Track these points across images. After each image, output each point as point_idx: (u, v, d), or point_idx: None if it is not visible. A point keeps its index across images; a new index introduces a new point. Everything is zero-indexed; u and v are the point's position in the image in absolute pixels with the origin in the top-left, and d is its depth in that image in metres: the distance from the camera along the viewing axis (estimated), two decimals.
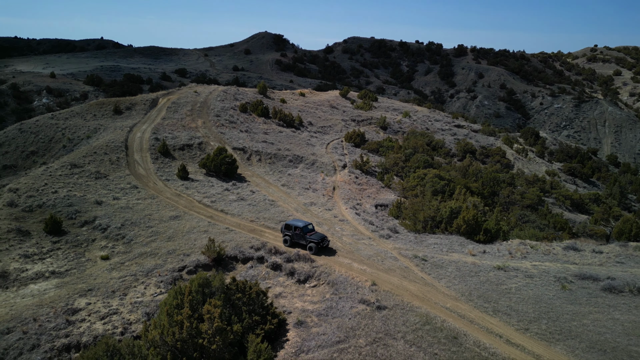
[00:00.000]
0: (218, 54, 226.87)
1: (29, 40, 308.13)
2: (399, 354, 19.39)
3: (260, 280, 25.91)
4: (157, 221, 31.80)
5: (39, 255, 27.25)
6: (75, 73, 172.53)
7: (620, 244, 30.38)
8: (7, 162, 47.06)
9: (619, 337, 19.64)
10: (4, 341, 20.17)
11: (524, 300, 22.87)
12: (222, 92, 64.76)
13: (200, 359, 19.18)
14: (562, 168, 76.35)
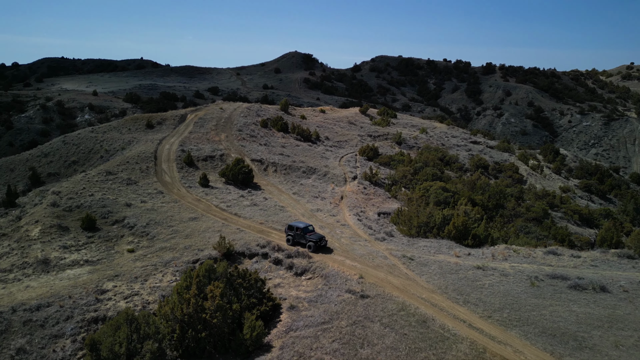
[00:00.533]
0: (249, 73, 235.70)
1: (74, 60, 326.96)
2: (374, 334, 22.34)
3: (263, 273, 29.34)
4: (178, 222, 35.90)
5: (75, 247, 31.67)
6: (115, 91, 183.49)
7: (601, 250, 32.31)
8: (51, 170, 52.84)
9: (570, 325, 22.00)
10: (44, 312, 24.32)
11: (493, 294, 25.41)
12: (245, 109, 69.67)
13: (204, 331, 22.68)
14: (579, 185, 76.93)
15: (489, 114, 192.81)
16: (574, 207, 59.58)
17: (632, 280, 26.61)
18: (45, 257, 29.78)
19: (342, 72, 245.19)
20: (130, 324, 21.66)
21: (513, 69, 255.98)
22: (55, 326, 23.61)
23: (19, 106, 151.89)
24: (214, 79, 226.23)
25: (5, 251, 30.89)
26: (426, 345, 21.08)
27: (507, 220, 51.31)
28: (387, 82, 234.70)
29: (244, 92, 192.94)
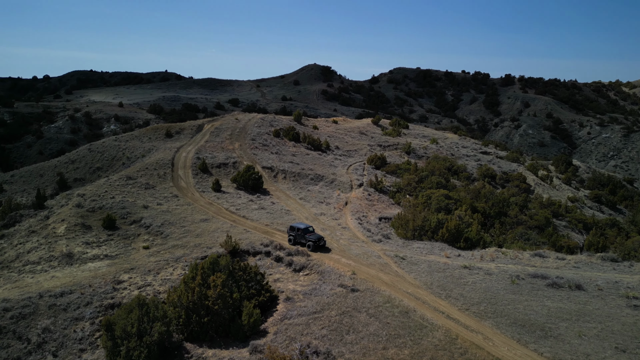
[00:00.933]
0: (269, 85, 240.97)
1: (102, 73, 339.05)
2: (360, 322, 24.56)
3: (265, 269, 31.82)
4: (190, 222, 38.82)
5: (96, 243, 34.83)
6: (140, 103, 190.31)
7: (588, 253, 33.80)
8: (77, 175, 56.75)
9: (540, 317, 23.79)
10: (67, 298, 27.32)
11: (474, 290, 27.32)
12: (259, 119, 72.95)
13: (207, 317, 25.26)
14: (589, 195, 77.34)
15: (507, 125, 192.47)
16: (578, 216, 60.41)
17: (609, 281, 28.14)
18: (69, 251, 32.98)
19: (360, 83, 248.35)
20: (142, 308, 24.39)
21: (533, 80, 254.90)
22: (76, 310, 26.55)
23: (49, 117, 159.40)
24: (235, 91, 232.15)
25: (35, 246, 34.26)
26: (405, 332, 23.18)
27: (510, 227, 52.73)
28: (404, 93, 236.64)
29: (263, 103, 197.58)
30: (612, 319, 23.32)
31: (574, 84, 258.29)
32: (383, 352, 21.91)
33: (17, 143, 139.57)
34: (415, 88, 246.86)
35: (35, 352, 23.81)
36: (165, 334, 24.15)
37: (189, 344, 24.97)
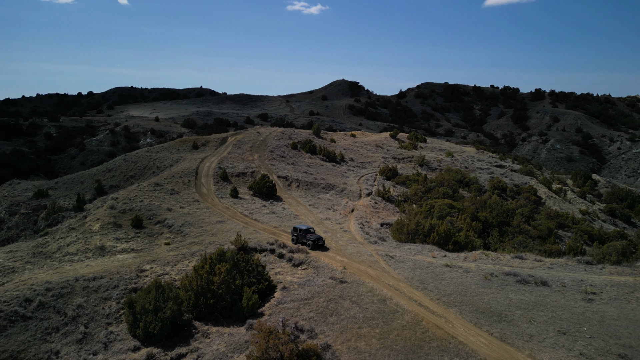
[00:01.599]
0: (298, 100, 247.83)
1: (142, 89, 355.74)
2: (342, 307, 28.28)
3: (269, 264, 35.93)
4: (207, 223, 43.54)
5: (125, 239, 39.95)
6: (175, 117, 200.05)
7: (567, 257, 36.28)
8: (113, 182, 62.95)
9: (500, 306, 26.85)
10: (98, 282, 32.23)
11: (449, 284, 30.53)
12: (279, 133, 77.89)
13: (212, 299, 29.54)
14: (603, 208, 77.93)
15: (534, 140, 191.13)
16: (584, 227, 61.68)
17: (575, 279, 30.77)
18: (102, 245, 38.18)
19: (387, 98, 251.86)
20: (158, 289, 28.96)
21: (564, 95, 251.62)
22: (105, 292, 31.41)
23: (91, 130, 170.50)
24: (265, 106, 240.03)
25: (73, 240, 39.67)
26: (379, 316, 26.74)
27: (512, 236, 54.95)
28: (431, 108, 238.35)
29: (292, 118, 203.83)
30: (564, 309, 26.15)
31: (608, 98, 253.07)
32: (357, 330, 25.56)
33: (61, 155, 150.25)
34: (443, 103, 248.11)
35: (70, 324, 28.68)
36: (177, 311, 28.57)
37: (197, 322, 29.30)
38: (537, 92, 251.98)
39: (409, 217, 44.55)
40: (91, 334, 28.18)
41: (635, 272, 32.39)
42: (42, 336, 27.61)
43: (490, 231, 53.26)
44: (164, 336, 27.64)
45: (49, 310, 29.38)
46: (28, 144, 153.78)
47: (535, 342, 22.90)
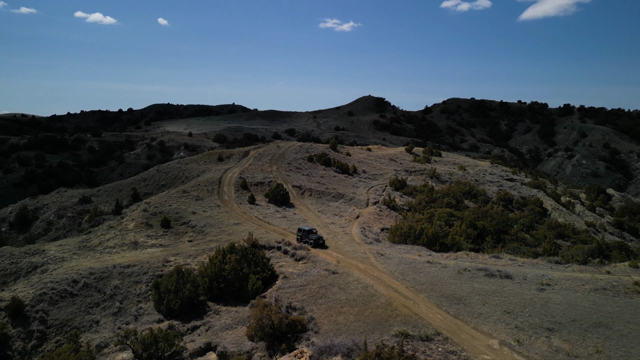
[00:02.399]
0: (325, 116, 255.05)
1: (178, 106, 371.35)
2: (331, 292, 33.51)
3: (275, 259, 41.52)
4: (225, 225, 49.71)
5: (155, 236, 46.53)
6: (207, 132, 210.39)
7: (541, 257, 40.28)
8: (147, 190, 70.45)
9: (462, 293, 31.46)
10: (131, 269, 38.65)
11: (425, 276, 35.29)
12: (298, 147, 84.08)
13: (223, 284, 35.34)
14: (612, 221, 79.87)
15: (560, 155, 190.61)
16: (583, 237, 64.43)
17: (538, 274, 34.94)
18: (135, 240, 44.85)
19: (412, 114, 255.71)
20: (178, 274, 35.04)
21: (594, 110, 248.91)
22: (136, 277, 37.77)
23: (130, 145, 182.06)
24: (293, 122, 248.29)
25: (112, 236, 46.56)
26: (360, 299, 31.83)
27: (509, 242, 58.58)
28: (456, 123, 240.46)
29: (318, 133, 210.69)
30: (516, 296, 30.54)
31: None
32: (339, 309, 30.74)
33: (102, 167, 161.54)
34: (469, 118, 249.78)
35: (108, 301, 35.08)
36: (194, 292, 34.52)
37: (210, 302, 35.12)
38: (565, 107, 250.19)
39: (403, 221, 49.39)
40: (125, 308, 34.48)
41: (596, 270, 36.24)
42: (85, 309, 34.08)
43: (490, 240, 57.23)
44: (182, 312, 33.58)
45: (91, 289, 35.91)
46: (72, 157, 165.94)
47: (482, 318, 27.50)
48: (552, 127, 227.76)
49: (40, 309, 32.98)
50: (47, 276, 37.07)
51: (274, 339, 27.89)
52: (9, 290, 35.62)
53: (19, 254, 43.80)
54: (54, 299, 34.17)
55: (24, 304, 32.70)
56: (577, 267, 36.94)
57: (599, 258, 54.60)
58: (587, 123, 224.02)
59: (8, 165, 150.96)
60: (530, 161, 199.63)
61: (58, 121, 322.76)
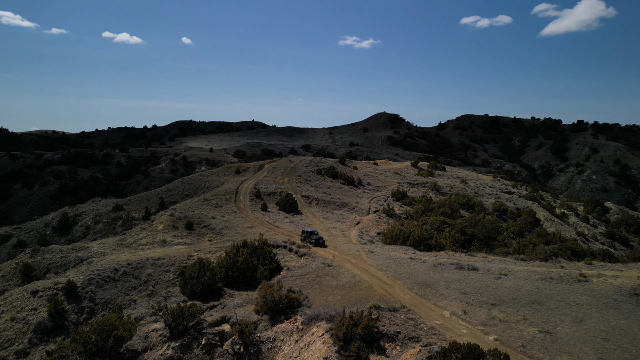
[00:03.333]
0: (340, 132, 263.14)
1: (199, 122, 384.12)
2: (325, 280, 40.47)
3: (280, 254, 48.68)
4: (240, 228, 57.25)
5: (180, 236, 54.30)
6: (227, 148, 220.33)
7: (511, 256, 46.45)
8: (172, 199, 78.75)
9: (432, 280, 38.02)
10: (161, 261, 46.36)
11: (405, 268, 41.94)
12: (308, 161, 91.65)
13: (237, 272, 42.63)
14: (604, 232, 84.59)
15: (570, 170, 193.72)
16: (569, 245, 69.65)
17: (500, 268, 41.24)
18: (164, 239, 52.70)
19: (426, 130, 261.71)
20: (200, 263, 42.53)
21: (607, 126, 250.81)
22: (166, 267, 45.41)
23: (155, 160, 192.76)
24: (310, 138, 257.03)
25: (144, 236, 54.52)
26: (348, 284, 38.70)
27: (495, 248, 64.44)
28: (469, 139, 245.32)
29: (333, 149, 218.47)
30: (475, 282, 36.99)
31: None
32: (330, 291, 37.64)
33: (129, 180, 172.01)
34: (482, 134, 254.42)
35: (143, 285, 42.72)
36: (212, 279, 41.89)
37: (226, 288, 42.38)
38: (579, 123, 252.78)
39: (395, 225, 56.10)
40: (156, 291, 42.07)
41: (553, 265, 42.36)
42: (125, 291, 41.78)
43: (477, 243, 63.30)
44: (203, 294, 40.93)
45: (129, 276, 43.66)
46: (102, 171, 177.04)
47: (442, 297, 34.07)
48: (564, 143, 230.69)
49: (89, 290, 40.82)
50: (93, 266, 45.07)
51: (275, 312, 34.92)
52: (63, 276, 43.69)
53: (67, 250, 52.09)
54: (100, 283, 42.01)
55: (76, 286, 40.59)
56: (537, 263, 43.10)
57: (565, 257, 60.27)
58: (599, 139, 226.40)
59: (43, 179, 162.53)
60: (541, 176, 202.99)
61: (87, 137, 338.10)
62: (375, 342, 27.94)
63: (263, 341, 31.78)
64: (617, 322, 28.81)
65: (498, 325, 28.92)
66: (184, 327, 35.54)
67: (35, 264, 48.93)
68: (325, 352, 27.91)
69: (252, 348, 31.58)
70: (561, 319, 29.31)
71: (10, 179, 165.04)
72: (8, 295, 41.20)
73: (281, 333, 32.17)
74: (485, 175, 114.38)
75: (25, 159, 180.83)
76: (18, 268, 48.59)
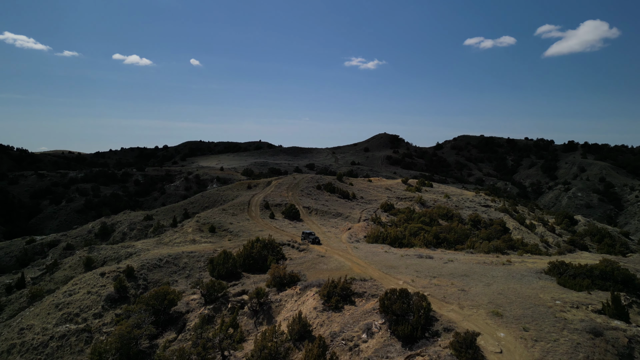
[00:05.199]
0: (343, 152, 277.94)
1: (209, 143, 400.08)
2: (318, 265, 54.11)
3: (285, 250, 62.27)
4: (252, 231, 71.08)
5: (205, 237, 68.22)
6: (236, 167, 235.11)
7: (464, 251, 59.77)
8: (194, 210, 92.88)
9: (397, 264, 51.47)
10: (194, 254, 60.23)
11: (380, 258, 55.41)
12: (310, 178, 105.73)
13: (252, 261, 56.29)
14: (566, 240, 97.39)
15: (558, 188, 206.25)
16: (529, 248, 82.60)
17: (450, 257, 54.62)
18: (193, 239, 66.68)
19: (424, 149, 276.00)
20: (225, 254, 56.31)
21: (597, 146, 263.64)
22: (197, 258, 59.24)
23: (169, 178, 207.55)
24: (314, 157, 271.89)
25: (177, 237, 68.46)
26: (335, 267, 52.24)
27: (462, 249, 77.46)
28: (465, 158, 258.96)
29: (335, 167, 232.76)
30: (427, 265, 50.39)
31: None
32: (322, 272, 51.17)
33: (147, 197, 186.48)
34: (477, 154, 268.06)
35: (181, 270, 56.52)
36: (233, 265, 55.58)
37: (244, 272, 55.96)
38: (569, 143, 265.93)
39: (377, 228, 69.71)
40: (191, 274, 55.85)
41: (491, 256, 55.63)
42: (168, 274, 55.55)
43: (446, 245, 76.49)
44: (227, 276, 54.52)
45: (170, 264, 57.48)
46: (122, 189, 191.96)
47: (400, 274, 47.51)
48: (555, 162, 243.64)
49: (142, 273, 54.65)
50: (142, 257, 59.01)
51: (281, 285, 48.47)
52: (122, 264, 57.62)
53: (117, 247, 66.15)
54: (150, 268, 55.86)
55: (133, 269, 54.47)
56: (481, 255, 56.46)
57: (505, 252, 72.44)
58: (588, 159, 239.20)
59: (69, 195, 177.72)
60: (531, 194, 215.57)
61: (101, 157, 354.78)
62: (348, 297, 41.47)
63: (272, 302, 45.39)
64: (514, 286, 42.17)
65: (433, 287, 42.35)
66: (215, 296, 49.14)
67: (94, 257, 62.96)
68: (314, 304, 41.45)
69: (264, 307, 45.18)
70: (476, 284, 42.73)
71: (38, 195, 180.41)
72: (82, 277, 55.12)
73: (285, 296, 45.76)
74: (469, 191, 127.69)
75: (51, 178, 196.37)
76: (81, 260, 62.63)
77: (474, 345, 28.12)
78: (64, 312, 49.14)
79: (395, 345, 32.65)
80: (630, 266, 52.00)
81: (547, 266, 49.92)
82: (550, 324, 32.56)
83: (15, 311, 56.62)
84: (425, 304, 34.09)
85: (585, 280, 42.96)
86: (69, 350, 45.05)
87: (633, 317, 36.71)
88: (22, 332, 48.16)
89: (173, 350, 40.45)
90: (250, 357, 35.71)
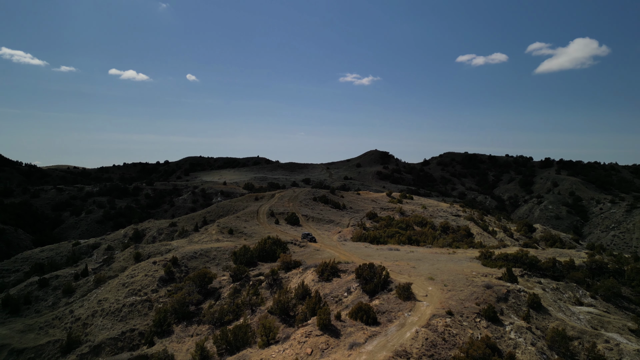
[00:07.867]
0: (337, 167, 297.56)
1: (209, 158, 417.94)
2: (314, 255, 72.99)
3: (289, 246, 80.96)
4: (262, 233, 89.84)
5: (226, 238, 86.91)
6: (238, 181, 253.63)
7: (425, 246, 78.91)
8: (212, 218, 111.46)
9: (373, 254, 70.35)
10: (220, 249, 78.98)
11: (361, 250, 74.27)
12: (307, 191, 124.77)
13: (264, 253, 74.92)
14: (521, 244, 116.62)
15: (532, 201, 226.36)
16: (485, 250, 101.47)
17: (413, 250, 73.61)
18: (217, 238, 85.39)
19: (412, 165, 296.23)
20: (244, 248, 74.97)
21: (572, 163, 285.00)
22: (223, 251, 77.92)
23: (177, 192, 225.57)
24: (309, 172, 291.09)
25: (204, 237, 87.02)
26: (326, 257, 71.07)
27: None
28: (449, 174, 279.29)
29: (329, 182, 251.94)
30: (394, 254, 69.27)
31: (613, 166, 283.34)
32: (316, 259, 70.06)
33: (157, 209, 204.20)
34: (461, 169, 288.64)
35: (212, 260, 75.17)
36: (250, 256, 74.26)
37: (259, 262, 74.54)
38: (546, 160, 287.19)
39: (361, 231, 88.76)
40: (220, 263, 74.44)
41: (445, 249, 74.71)
42: (202, 263, 74.10)
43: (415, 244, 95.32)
44: (247, 264, 73.11)
45: (203, 256, 76.05)
46: (134, 202, 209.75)
47: (373, 259, 66.30)
48: (532, 177, 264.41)
49: (183, 262, 73.20)
50: (180, 251, 77.62)
51: (288, 268, 67.14)
52: (164, 257, 76.20)
53: (158, 245, 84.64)
54: (188, 258, 74.41)
55: (177, 259, 73.02)
56: (437, 248, 75.47)
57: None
58: (561, 174, 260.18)
59: (88, 207, 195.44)
60: (509, 206, 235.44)
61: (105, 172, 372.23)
62: (336, 273, 60.28)
63: (282, 278, 64.12)
64: (450, 265, 61.11)
65: (394, 266, 61.20)
66: (240, 277, 67.68)
67: (141, 252, 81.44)
68: (312, 277, 60.21)
69: (277, 281, 63.90)
70: (424, 264, 61.69)
71: (59, 208, 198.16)
72: (138, 265, 73.49)
73: (291, 274, 64.46)
74: (444, 203, 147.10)
75: (69, 192, 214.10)
76: (132, 254, 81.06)
77: (409, 290, 46.96)
78: (130, 288, 67.51)
79: (365, 297, 51.44)
80: (543, 256, 71.34)
81: (476, 254, 68.91)
82: (462, 283, 51.55)
83: (84, 292, 74.75)
84: (385, 272, 53.03)
85: (499, 261, 62.19)
86: (137, 313, 63.34)
87: (523, 282, 55.92)
88: (100, 302, 66.45)
89: (215, 310, 58.99)
90: (271, 308, 54.37)
